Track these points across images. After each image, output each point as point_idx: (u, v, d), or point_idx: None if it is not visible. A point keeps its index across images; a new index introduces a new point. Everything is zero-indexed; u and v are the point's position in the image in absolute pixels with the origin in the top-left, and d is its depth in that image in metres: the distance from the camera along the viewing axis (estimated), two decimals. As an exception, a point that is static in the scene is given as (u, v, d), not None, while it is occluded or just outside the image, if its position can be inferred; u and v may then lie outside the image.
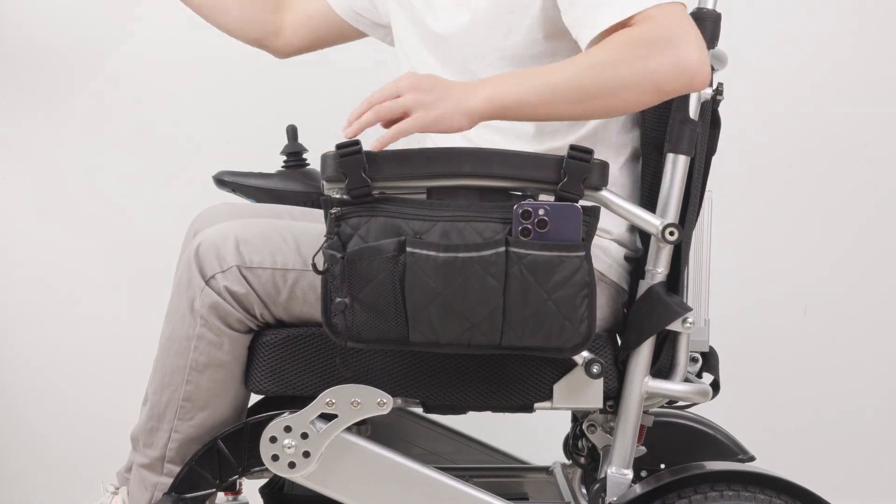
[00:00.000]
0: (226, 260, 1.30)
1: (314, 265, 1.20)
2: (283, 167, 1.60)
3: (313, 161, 1.44)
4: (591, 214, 1.22)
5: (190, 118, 2.30)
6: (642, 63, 1.20)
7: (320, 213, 1.50)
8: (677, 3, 1.24)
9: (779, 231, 2.33)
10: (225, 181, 1.57)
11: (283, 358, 1.31)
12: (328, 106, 2.13)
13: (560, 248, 1.20)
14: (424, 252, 1.19)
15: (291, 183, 1.57)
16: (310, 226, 1.35)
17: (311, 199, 1.54)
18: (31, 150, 2.32)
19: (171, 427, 1.33)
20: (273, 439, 1.29)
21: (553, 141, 1.38)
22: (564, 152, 1.22)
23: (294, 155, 1.59)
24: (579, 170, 1.21)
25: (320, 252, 1.21)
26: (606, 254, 1.38)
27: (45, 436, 2.34)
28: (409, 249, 1.19)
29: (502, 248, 1.19)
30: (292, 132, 1.61)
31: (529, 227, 1.20)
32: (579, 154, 1.21)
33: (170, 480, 1.34)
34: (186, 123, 2.30)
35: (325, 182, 1.23)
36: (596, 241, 1.33)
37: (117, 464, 1.47)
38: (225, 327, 1.30)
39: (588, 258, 1.21)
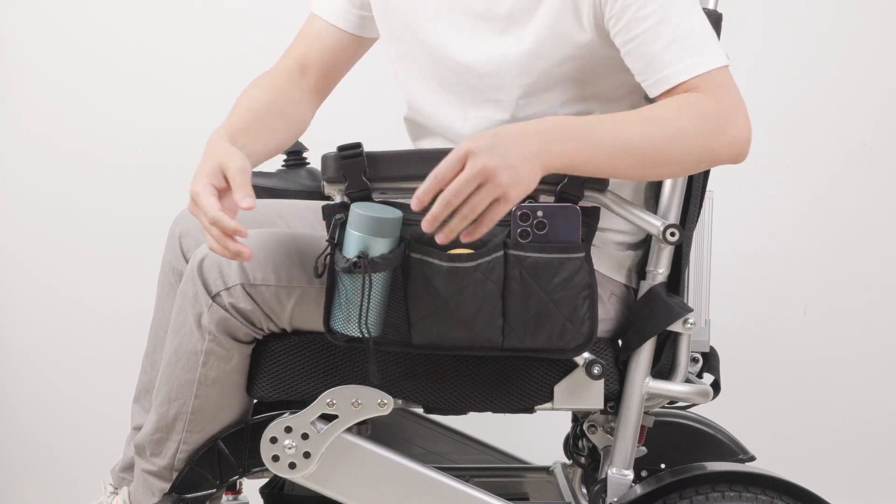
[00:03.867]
0: (230, 277, 1.28)
1: (315, 267, 1.20)
2: (283, 166, 1.59)
3: (314, 160, 1.44)
4: (591, 215, 1.22)
5: (190, 117, 2.29)
6: (708, 140, 1.20)
7: (307, 205, 1.50)
8: (726, 66, 1.25)
9: (779, 231, 2.33)
10: (225, 180, 1.57)
11: (285, 364, 1.31)
12: (329, 105, 2.13)
13: (560, 250, 1.20)
14: (429, 259, 1.19)
15: (292, 182, 1.56)
16: (313, 237, 1.34)
17: (312, 198, 1.54)
18: (31, 150, 2.32)
19: (180, 438, 1.32)
20: (273, 440, 1.29)
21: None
22: None
23: (294, 154, 1.58)
24: None
25: (322, 257, 1.20)
26: (623, 265, 1.37)
27: (45, 436, 2.34)
28: (413, 255, 1.19)
29: (501, 253, 1.19)
30: (293, 131, 1.60)
31: (528, 229, 1.20)
32: None
33: None
34: (186, 122, 2.30)
35: (325, 183, 1.23)
36: (615, 254, 1.34)
37: (117, 463, 1.47)
38: (234, 341, 1.29)
39: (588, 259, 1.21)
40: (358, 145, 1.20)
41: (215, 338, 1.28)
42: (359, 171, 1.20)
